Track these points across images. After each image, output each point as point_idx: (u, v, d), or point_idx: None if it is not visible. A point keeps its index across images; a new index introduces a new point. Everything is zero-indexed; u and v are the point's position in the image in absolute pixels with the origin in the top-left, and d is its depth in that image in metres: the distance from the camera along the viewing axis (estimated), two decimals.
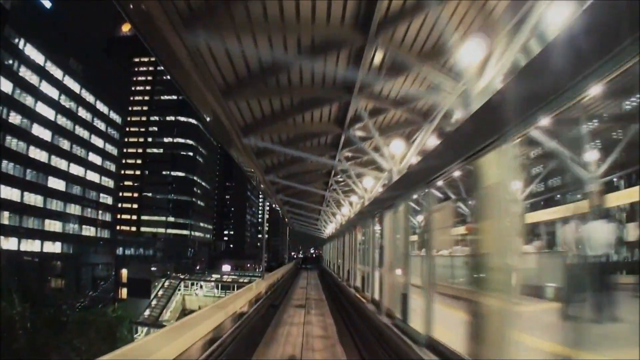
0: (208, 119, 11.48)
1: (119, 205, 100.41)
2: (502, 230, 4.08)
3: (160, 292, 50.23)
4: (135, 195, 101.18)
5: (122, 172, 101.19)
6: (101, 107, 78.86)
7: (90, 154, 75.74)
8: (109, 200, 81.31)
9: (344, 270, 20.23)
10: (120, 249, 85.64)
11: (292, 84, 10.04)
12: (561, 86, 2.77)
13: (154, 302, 49.31)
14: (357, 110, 11.20)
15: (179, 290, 51.53)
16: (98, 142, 78.14)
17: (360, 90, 9.72)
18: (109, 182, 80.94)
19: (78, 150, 72.95)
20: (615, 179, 10.22)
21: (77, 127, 72.64)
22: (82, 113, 74.58)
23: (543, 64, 3.16)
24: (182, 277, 52.87)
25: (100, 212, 78.45)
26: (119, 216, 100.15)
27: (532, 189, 13.31)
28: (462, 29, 7.32)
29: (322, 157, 15.35)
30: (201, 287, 52.81)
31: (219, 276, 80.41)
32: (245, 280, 49.24)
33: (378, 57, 8.59)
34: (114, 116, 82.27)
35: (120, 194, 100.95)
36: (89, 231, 76.28)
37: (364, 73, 8.86)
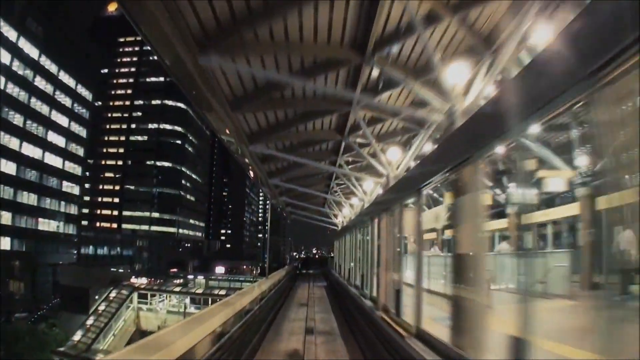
0: None
1: (100, 199, 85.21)
2: None
3: (102, 307, 33.91)
4: (116, 188, 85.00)
5: (104, 162, 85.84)
6: (67, 79, 62.98)
7: (51, 133, 59.70)
8: (75, 189, 65.13)
9: None
10: (91, 247, 69.34)
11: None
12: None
13: (90, 321, 32.97)
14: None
15: (131, 303, 35.16)
16: (62, 120, 62.13)
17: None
18: (75, 169, 64.81)
19: (34, 128, 57.00)
20: None
21: (32, 99, 56.71)
22: (42, 85, 58.76)
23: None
24: (135, 285, 36.41)
25: (63, 203, 62.31)
26: (98, 211, 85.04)
27: None
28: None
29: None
30: (168, 298, 36.43)
31: (202, 281, 64.35)
32: (222, 293, 32.99)
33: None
34: (82, 91, 66.20)
35: (101, 187, 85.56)
36: (47, 225, 60.11)
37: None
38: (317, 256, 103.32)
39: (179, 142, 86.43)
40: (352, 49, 7.84)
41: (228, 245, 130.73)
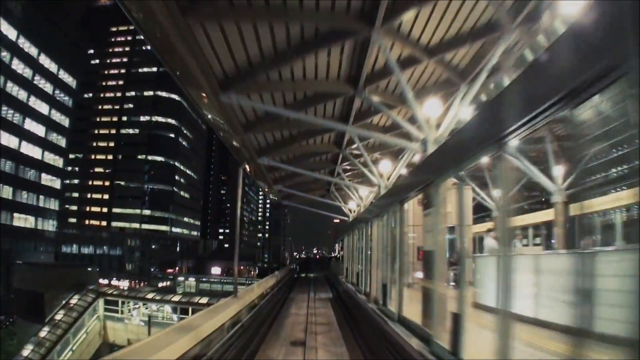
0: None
1: (89, 195, 78.84)
2: None
3: (60, 315, 27.49)
4: (106, 183, 78.58)
5: (93, 156, 79.53)
6: (48, 64, 56.69)
7: (29, 121, 53.36)
8: (56, 183, 58.77)
9: None
10: (75, 246, 62.98)
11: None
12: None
13: (45, 333, 26.60)
14: None
15: (96, 312, 28.74)
16: (42, 108, 55.78)
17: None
18: (56, 160, 58.48)
19: (9, 114, 50.71)
20: None
21: (8, 83, 50.44)
22: (20, 68, 52.52)
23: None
24: (101, 290, 29.89)
25: (42, 197, 55.96)
26: (87, 208, 78.70)
27: None
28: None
29: None
30: (144, 306, 29.94)
31: (193, 283, 58.09)
32: (203, 302, 26.71)
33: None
34: (66, 78, 59.90)
35: (90, 183, 79.21)
36: (24, 221, 53.78)
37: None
38: (317, 256, 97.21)
39: (172, 135, 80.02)
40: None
41: (226, 245, 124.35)
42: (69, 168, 73.74)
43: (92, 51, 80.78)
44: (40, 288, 28.40)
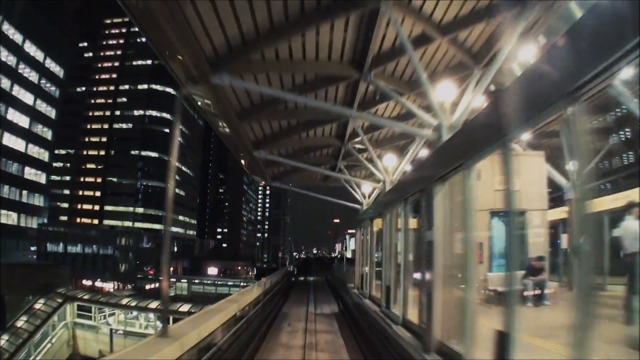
0: None
1: (80, 192, 74.93)
2: None
3: (22, 322, 23.52)
4: (99, 180, 74.67)
5: (85, 152, 75.65)
6: (34, 52, 52.73)
7: (11, 110, 49.41)
8: (41, 177, 54.79)
9: None
10: (61, 244, 58.88)
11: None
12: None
13: (3, 342, 22.65)
14: None
15: (64, 318, 24.75)
16: (26, 97, 51.79)
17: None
18: (41, 154, 54.50)
19: None
20: None
21: None
22: (3, 55, 48.58)
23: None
24: (70, 294, 25.80)
25: (25, 192, 51.98)
26: (79, 206, 74.85)
27: None
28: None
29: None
30: (126, 313, 25.86)
31: (185, 285, 53.98)
32: (184, 310, 22.69)
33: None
34: (53, 67, 55.92)
35: (82, 179, 75.32)
36: (6, 217, 49.81)
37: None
38: (318, 256, 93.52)
39: (166, 130, 76.01)
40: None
41: (224, 245, 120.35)
42: (60, 164, 70.12)
43: (85, 44, 77.30)
44: (1, 290, 24.48)
